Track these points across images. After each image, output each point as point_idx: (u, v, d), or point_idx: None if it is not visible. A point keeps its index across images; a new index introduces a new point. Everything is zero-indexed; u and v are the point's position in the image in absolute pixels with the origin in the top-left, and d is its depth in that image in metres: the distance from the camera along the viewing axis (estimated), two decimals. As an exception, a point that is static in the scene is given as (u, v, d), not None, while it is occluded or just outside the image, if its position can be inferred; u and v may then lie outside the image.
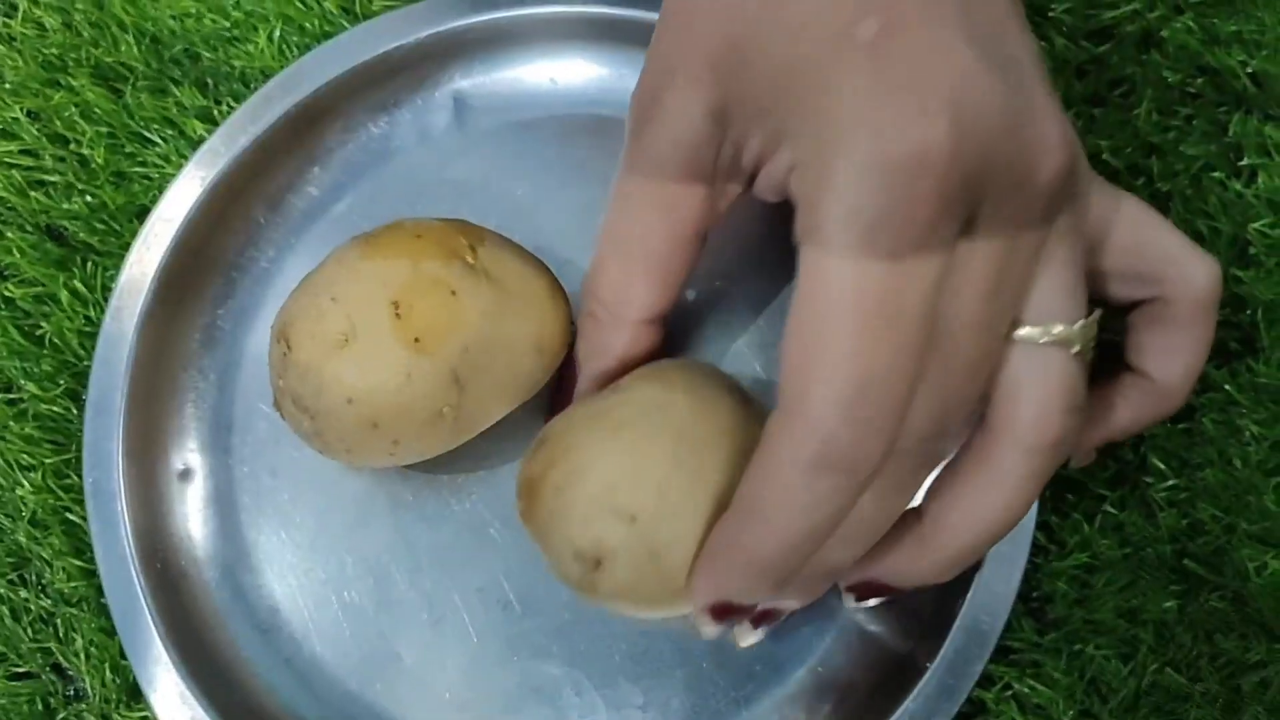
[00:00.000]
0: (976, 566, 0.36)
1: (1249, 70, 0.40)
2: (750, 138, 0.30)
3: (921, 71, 0.26)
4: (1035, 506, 0.36)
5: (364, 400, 0.33)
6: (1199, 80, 0.41)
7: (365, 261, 0.34)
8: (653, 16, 0.40)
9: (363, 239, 0.35)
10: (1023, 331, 0.28)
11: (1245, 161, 0.40)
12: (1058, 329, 0.28)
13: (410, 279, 0.33)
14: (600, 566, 0.31)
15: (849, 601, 0.33)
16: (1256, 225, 0.39)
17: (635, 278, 0.34)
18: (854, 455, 0.27)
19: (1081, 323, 0.29)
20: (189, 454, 0.40)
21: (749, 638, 0.33)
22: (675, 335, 0.39)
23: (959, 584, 0.36)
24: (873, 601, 0.33)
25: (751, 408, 0.34)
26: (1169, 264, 0.31)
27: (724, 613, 0.31)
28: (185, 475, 0.40)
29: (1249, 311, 0.39)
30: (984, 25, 0.27)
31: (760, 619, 0.33)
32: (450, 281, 0.34)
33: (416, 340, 0.33)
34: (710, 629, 0.32)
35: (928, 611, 0.37)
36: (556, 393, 0.37)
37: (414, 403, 0.33)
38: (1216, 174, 0.40)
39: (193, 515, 0.39)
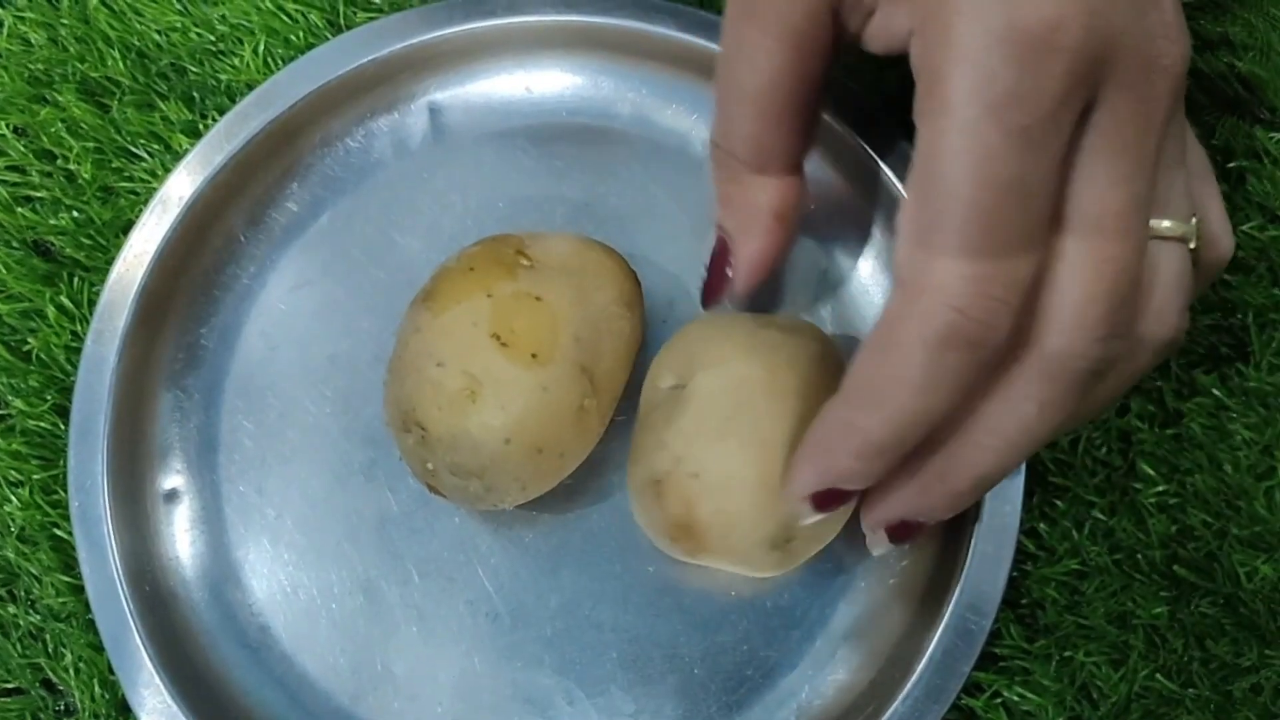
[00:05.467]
0: (961, 569, 0.36)
1: (1237, 73, 0.40)
2: None
3: None
4: (1020, 511, 0.36)
5: (520, 433, 0.33)
6: (1187, 84, 0.41)
7: (442, 316, 0.34)
8: (626, 24, 0.40)
9: (422, 299, 0.35)
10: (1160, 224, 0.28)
11: (1234, 164, 0.40)
12: (1169, 225, 0.28)
13: (493, 308, 0.34)
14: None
15: (877, 547, 0.33)
16: (1245, 228, 0.39)
17: (772, 125, 0.33)
18: (982, 330, 0.26)
19: (1194, 219, 0.29)
20: (175, 474, 0.40)
21: (881, 547, 0.33)
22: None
23: (946, 586, 0.36)
24: (885, 548, 0.33)
25: None
26: (1208, 224, 0.31)
27: (827, 500, 0.31)
28: (172, 496, 0.39)
29: (1239, 315, 0.39)
30: None
31: (898, 531, 0.32)
32: (527, 289, 0.34)
33: (534, 356, 0.33)
34: (811, 517, 0.32)
35: (915, 614, 0.37)
36: (709, 283, 0.37)
37: (560, 411, 0.34)
38: (1205, 177, 0.40)
39: (180, 536, 0.39)
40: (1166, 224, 0.28)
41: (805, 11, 0.31)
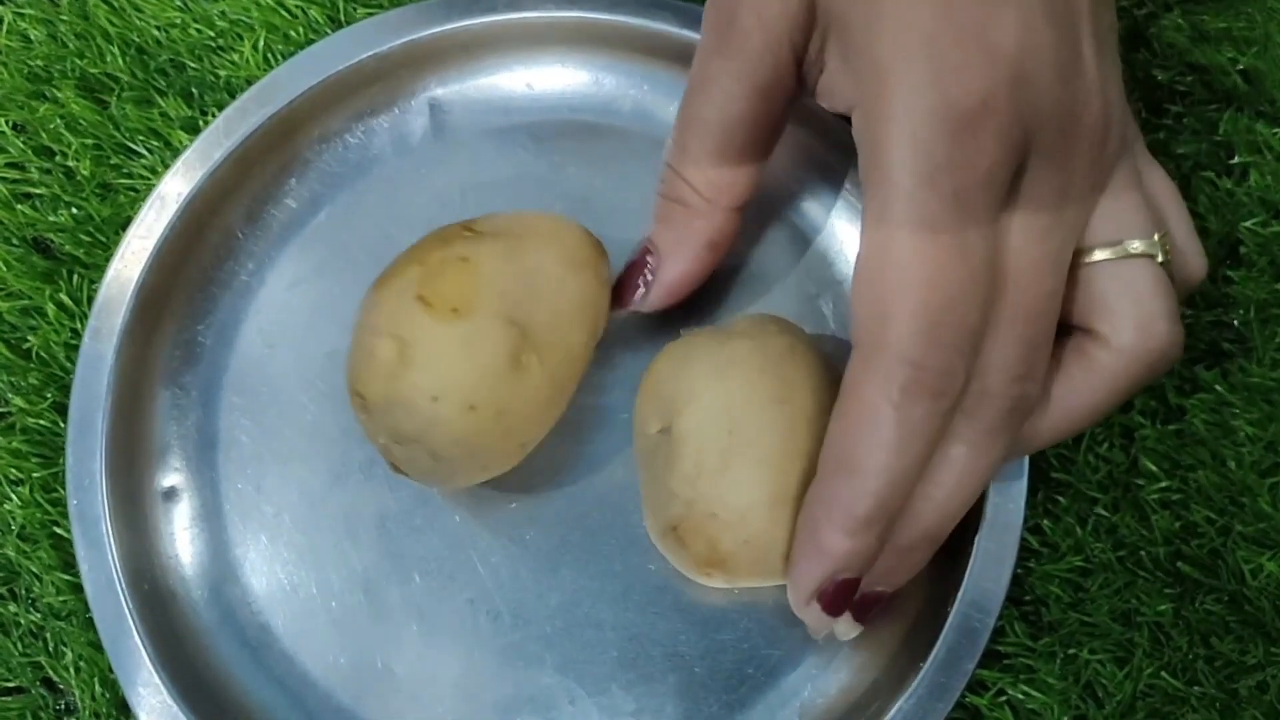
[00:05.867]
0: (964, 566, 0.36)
1: (1239, 67, 0.40)
2: (829, 38, 0.30)
3: (987, 17, 0.27)
4: (1024, 508, 0.36)
5: (447, 390, 0.33)
6: (1188, 78, 0.41)
7: (381, 290, 0.34)
8: (629, 21, 0.40)
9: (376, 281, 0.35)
10: (1099, 254, 0.30)
11: (1236, 160, 0.40)
12: (1135, 244, 0.30)
13: (423, 272, 0.34)
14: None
15: (843, 628, 0.33)
16: (1247, 224, 0.39)
17: (725, 161, 0.34)
18: (941, 379, 0.28)
19: (1158, 235, 0.30)
20: (173, 472, 0.40)
21: (851, 630, 0.33)
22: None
23: (950, 584, 0.36)
24: (853, 628, 0.33)
25: None
26: (1174, 240, 0.32)
27: (830, 596, 0.31)
28: (170, 494, 0.39)
29: (1241, 311, 0.39)
30: None
31: (859, 607, 0.33)
32: (458, 251, 0.34)
33: (454, 310, 0.33)
34: (818, 622, 0.32)
35: (918, 612, 0.37)
36: (618, 286, 0.37)
37: (486, 365, 0.33)
38: (1207, 173, 0.40)
39: (179, 534, 0.39)
40: (1136, 244, 0.30)
41: (773, 60, 0.32)
